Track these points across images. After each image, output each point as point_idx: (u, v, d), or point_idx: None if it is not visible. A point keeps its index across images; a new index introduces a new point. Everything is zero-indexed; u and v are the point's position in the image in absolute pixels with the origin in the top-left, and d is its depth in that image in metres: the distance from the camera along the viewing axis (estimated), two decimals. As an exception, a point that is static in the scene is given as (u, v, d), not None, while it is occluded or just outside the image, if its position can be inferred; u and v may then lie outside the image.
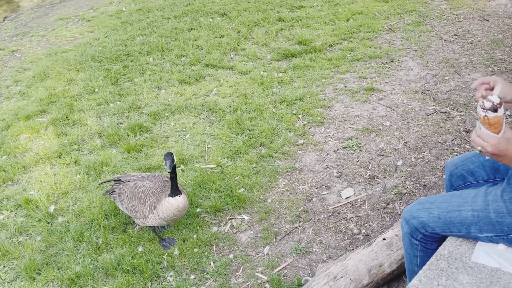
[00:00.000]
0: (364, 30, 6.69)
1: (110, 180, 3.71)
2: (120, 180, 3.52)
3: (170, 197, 3.18)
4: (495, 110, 1.76)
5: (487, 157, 1.88)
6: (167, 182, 3.34)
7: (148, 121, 4.90)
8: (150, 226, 3.49)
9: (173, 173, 3.15)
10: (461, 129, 4.35)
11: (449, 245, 2.07)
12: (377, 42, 6.33)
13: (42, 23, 8.59)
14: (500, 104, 1.77)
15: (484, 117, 1.78)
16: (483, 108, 1.78)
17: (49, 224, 3.71)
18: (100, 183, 3.97)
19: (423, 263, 2.07)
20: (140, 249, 3.38)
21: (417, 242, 2.19)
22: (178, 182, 3.24)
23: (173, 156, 3.10)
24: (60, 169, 4.30)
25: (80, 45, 7.08)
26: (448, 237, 2.11)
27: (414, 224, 2.15)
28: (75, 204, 3.90)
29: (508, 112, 4.46)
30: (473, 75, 5.25)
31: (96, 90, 5.61)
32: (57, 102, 5.39)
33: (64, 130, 4.88)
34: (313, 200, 3.76)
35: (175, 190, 3.17)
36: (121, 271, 3.21)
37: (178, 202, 3.18)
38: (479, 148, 1.83)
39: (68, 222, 3.67)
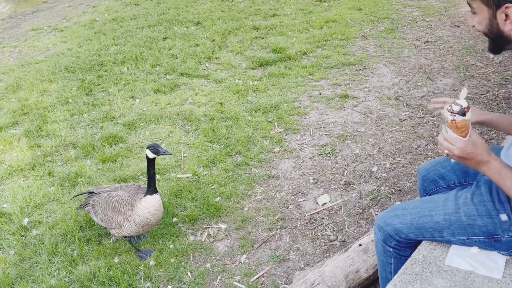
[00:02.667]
0: (338, 38, 6.75)
1: (84, 193, 3.67)
2: (93, 192, 3.48)
3: (148, 195, 3.16)
4: (463, 114, 1.78)
5: (452, 161, 1.91)
6: (140, 189, 3.33)
7: (123, 131, 4.86)
8: (126, 237, 3.46)
9: (153, 168, 3.13)
10: (435, 134, 4.41)
11: (423, 249, 2.09)
12: (350, 49, 6.39)
13: (14, 33, 8.49)
14: (468, 108, 1.79)
15: (452, 120, 1.80)
16: (451, 112, 1.79)
17: (23, 237, 3.65)
18: (74, 196, 3.93)
19: (397, 270, 2.08)
20: (116, 260, 3.35)
21: (391, 249, 2.20)
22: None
23: (157, 144, 3.10)
24: (33, 181, 4.24)
25: (53, 55, 7.01)
26: (422, 242, 2.13)
27: (388, 231, 2.17)
28: (50, 217, 3.84)
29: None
30: (445, 81, 5.33)
31: (70, 100, 5.56)
32: (30, 114, 5.32)
33: (37, 141, 4.82)
34: (290, 207, 3.76)
35: (153, 189, 3.16)
36: (97, 283, 3.17)
37: (155, 200, 3.16)
38: (446, 151, 1.85)
39: (42, 235, 3.62)
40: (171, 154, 3.13)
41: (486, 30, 1.81)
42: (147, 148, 3.12)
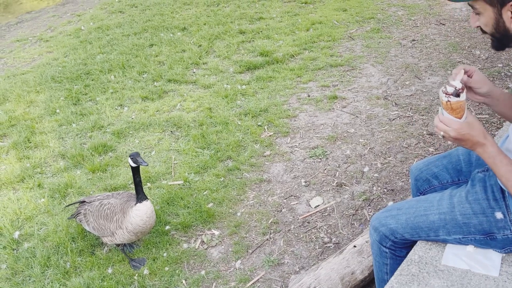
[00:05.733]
0: (324, 39, 6.75)
1: (75, 203, 3.64)
2: (85, 201, 3.46)
3: (138, 203, 3.14)
4: (457, 95, 1.77)
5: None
6: (132, 196, 3.30)
7: (112, 140, 4.83)
8: (118, 245, 3.43)
9: (138, 176, 3.12)
10: (424, 132, 4.41)
11: (419, 250, 2.08)
12: (337, 51, 6.39)
13: (-1, 45, 8.42)
14: (462, 89, 1.78)
15: (446, 102, 1.79)
16: (446, 93, 1.79)
17: (14, 251, 3.61)
18: (65, 207, 3.89)
19: (392, 271, 2.07)
20: (110, 271, 3.31)
21: (387, 250, 2.19)
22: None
23: (138, 153, 3.09)
24: (23, 193, 4.20)
25: (39, 66, 6.96)
26: (418, 242, 2.13)
27: (383, 232, 2.16)
28: (41, 229, 3.80)
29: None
30: (433, 79, 5.34)
31: (58, 111, 5.51)
32: (18, 125, 5.27)
33: (26, 153, 4.77)
34: (283, 211, 3.75)
35: (142, 196, 3.14)
36: (91, 295, 3.14)
37: (146, 207, 3.14)
38: (442, 133, 1.84)
39: (34, 248, 3.58)
40: (147, 165, 3.12)
41: (493, 30, 1.79)
42: (129, 156, 3.12)
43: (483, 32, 1.85)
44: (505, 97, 2.08)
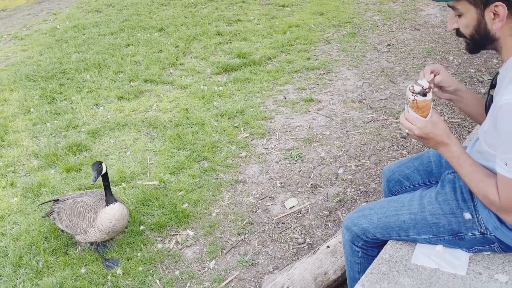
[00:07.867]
0: (301, 42, 6.80)
1: (49, 201, 3.62)
2: (58, 200, 3.44)
3: (106, 207, 3.16)
4: (424, 94, 1.82)
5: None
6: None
7: (86, 140, 4.80)
8: (92, 244, 3.42)
9: (105, 181, 3.13)
10: (398, 135, 4.48)
11: (390, 249, 2.12)
12: (314, 54, 6.44)
13: (-28, 42, 8.30)
14: (429, 88, 1.83)
15: (413, 100, 1.83)
16: (413, 92, 1.83)
17: (-14, 251, 3.57)
18: (39, 205, 3.86)
19: (364, 270, 2.10)
20: (83, 270, 3.30)
21: (358, 249, 2.22)
22: (112, 191, 3.23)
23: (100, 167, 3.08)
24: (-5, 192, 4.15)
25: (13, 64, 6.87)
26: (389, 241, 2.16)
27: (355, 231, 2.19)
28: (13, 228, 3.76)
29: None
30: (407, 83, 5.42)
31: (32, 109, 5.46)
32: (-9, 124, 5.21)
33: (-2, 152, 4.72)
34: (258, 211, 3.77)
35: (109, 199, 3.16)
36: (64, 295, 3.12)
37: (114, 211, 3.15)
38: (406, 130, 1.89)
39: (6, 247, 3.54)
40: (92, 184, 3.12)
41: (473, 31, 1.77)
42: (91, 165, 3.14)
43: (459, 35, 1.84)
44: (469, 95, 2.14)
